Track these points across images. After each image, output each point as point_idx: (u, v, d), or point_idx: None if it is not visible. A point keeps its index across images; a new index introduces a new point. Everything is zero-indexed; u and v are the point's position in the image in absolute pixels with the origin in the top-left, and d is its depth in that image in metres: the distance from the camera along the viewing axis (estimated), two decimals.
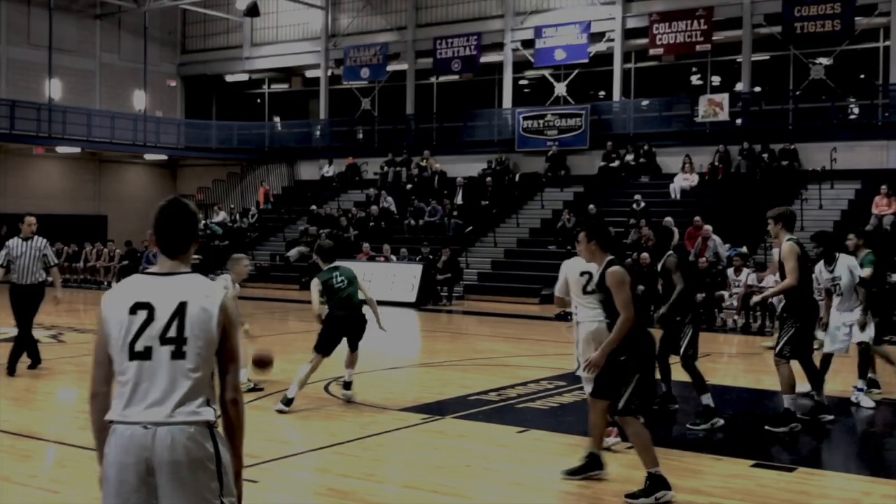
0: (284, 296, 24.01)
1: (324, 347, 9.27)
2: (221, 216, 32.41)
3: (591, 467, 6.77)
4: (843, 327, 9.77)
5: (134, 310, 3.34)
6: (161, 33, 37.88)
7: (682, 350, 8.72)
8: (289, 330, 17.49)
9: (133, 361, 3.30)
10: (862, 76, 27.46)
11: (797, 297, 8.51)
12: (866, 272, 9.83)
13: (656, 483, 6.24)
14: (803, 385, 9.12)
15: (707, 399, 8.50)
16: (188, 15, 38.40)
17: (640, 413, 6.44)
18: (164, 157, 36.45)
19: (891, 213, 21.57)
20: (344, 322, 9.35)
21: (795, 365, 8.60)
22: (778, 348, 8.57)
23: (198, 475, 3.26)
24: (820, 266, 9.91)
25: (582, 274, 7.60)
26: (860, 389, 9.86)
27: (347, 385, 9.64)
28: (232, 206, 34.20)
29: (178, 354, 3.30)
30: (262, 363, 9.43)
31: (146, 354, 3.30)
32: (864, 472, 7.19)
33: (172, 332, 3.30)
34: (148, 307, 3.34)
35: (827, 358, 9.83)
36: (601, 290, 6.61)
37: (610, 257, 6.61)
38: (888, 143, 24.36)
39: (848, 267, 9.79)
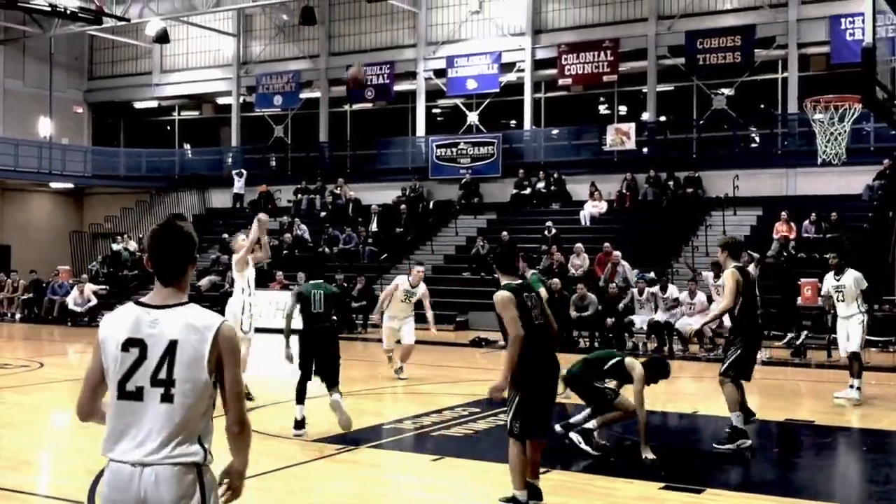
0: None
1: None
2: (131, 245, 31.75)
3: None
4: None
5: (126, 346, 3.32)
6: (67, 59, 37.08)
7: (723, 368, 9.02)
8: None
9: (123, 401, 3.31)
10: (762, 106, 28.47)
11: (742, 320, 8.99)
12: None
13: None
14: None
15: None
16: (96, 41, 37.67)
17: (525, 436, 6.37)
18: (70, 185, 35.56)
19: (791, 238, 22.34)
20: None
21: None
22: (723, 368, 8.98)
23: None
24: (829, 275, 12.07)
25: None
26: (857, 388, 11.72)
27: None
28: (141, 235, 33.53)
29: (167, 398, 3.28)
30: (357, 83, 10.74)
31: (138, 395, 3.29)
32: (771, 492, 7.38)
33: (163, 374, 3.28)
34: (140, 345, 3.31)
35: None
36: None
37: (505, 281, 6.61)
38: (787, 170, 25.26)
39: (854, 279, 11.74)
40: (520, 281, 6.80)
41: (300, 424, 9.54)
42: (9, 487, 7.28)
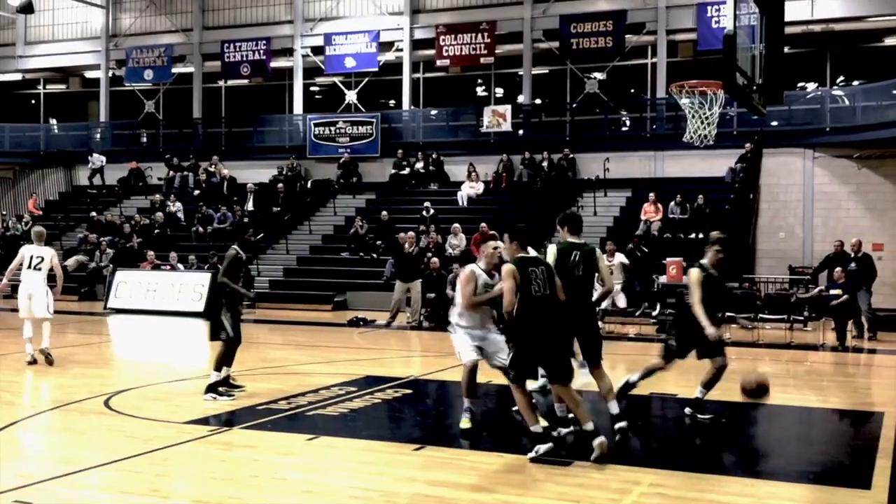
0: (63, 307, 22.79)
1: None
2: None
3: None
4: None
5: None
6: None
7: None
8: (67, 343, 16.67)
9: None
10: (632, 91, 29.30)
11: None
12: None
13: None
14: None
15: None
16: None
17: (518, 380, 7.60)
18: None
19: (658, 219, 23.14)
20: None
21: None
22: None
23: None
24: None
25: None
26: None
27: None
28: (4, 212, 32.14)
29: None
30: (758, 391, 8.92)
31: None
32: (636, 463, 7.67)
33: None
34: None
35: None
36: None
37: (521, 254, 7.63)
38: (655, 153, 26.12)
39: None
40: (533, 255, 7.67)
41: (221, 383, 10.37)
42: None
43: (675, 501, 6.56)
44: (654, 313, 18.63)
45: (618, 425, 8.30)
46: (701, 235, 22.39)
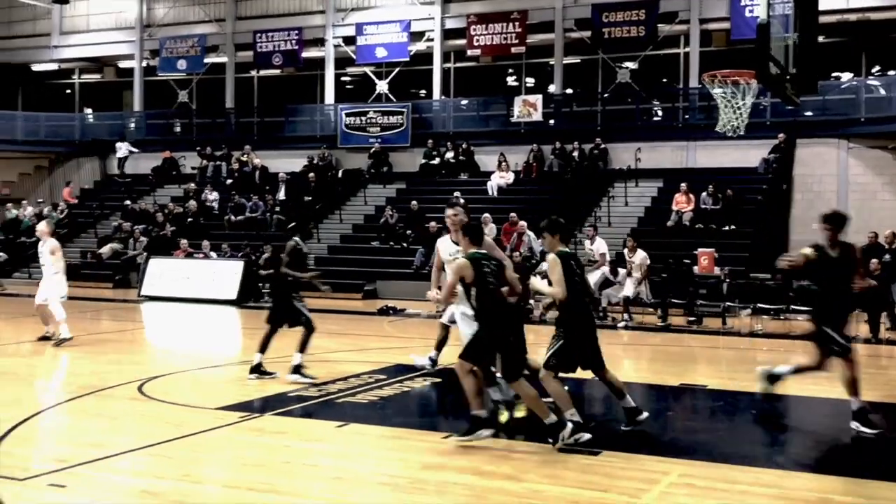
0: (97, 294, 23.14)
1: None
2: (29, 211, 30.80)
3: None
4: None
5: None
6: None
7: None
8: (101, 330, 16.89)
9: None
10: (664, 80, 29.08)
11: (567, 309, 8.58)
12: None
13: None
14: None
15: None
16: None
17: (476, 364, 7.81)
18: None
19: (689, 209, 22.99)
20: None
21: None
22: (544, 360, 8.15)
23: None
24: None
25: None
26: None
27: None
28: (40, 200, 32.54)
29: None
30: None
31: None
32: (664, 454, 7.65)
33: None
34: None
35: None
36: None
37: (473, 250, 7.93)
38: (688, 143, 25.92)
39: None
40: (484, 251, 7.94)
41: (254, 368, 10.65)
42: None
43: (705, 492, 6.55)
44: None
45: (639, 417, 8.27)
46: (733, 227, 22.26)
